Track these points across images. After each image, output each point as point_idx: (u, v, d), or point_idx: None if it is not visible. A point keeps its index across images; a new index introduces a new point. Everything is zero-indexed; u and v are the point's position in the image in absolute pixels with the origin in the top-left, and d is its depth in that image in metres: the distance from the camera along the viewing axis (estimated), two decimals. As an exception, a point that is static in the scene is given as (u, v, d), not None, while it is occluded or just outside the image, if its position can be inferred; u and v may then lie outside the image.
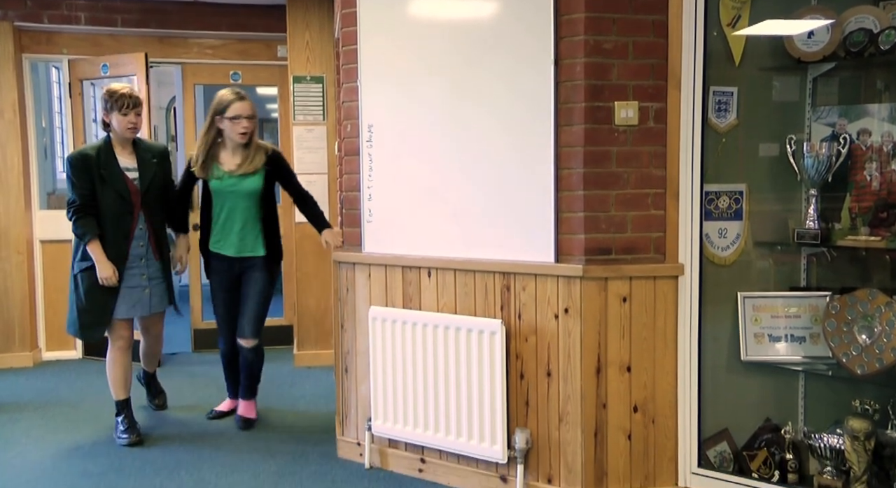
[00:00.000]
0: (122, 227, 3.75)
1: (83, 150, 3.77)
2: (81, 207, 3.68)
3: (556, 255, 2.95)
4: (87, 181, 3.67)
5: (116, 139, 3.77)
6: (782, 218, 3.13)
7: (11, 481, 3.38)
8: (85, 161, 3.68)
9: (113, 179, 3.72)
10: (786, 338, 3.02)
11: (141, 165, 3.81)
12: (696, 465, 2.96)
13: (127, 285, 3.79)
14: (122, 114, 3.67)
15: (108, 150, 3.74)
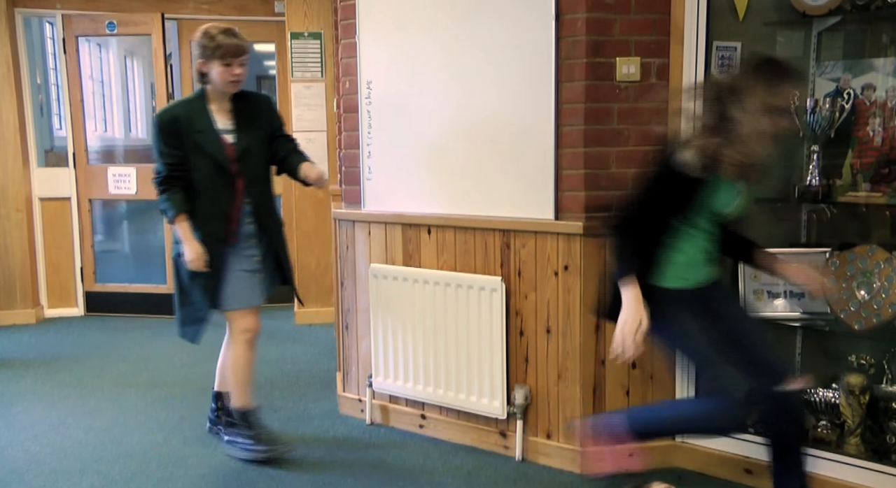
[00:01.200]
0: (221, 202, 3.06)
1: (172, 109, 3.08)
2: (169, 178, 3.02)
3: (556, 213, 2.94)
4: (178, 147, 2.99)
5: (214, 94, 3.05)
6: (784, 174, 3.11)
7: (18, 435, 3.43)
8: (175, 123, 2.99)
9: (208, 144, 3.00)
10: (784, 295, 3.03)
11: (239, 125, 3.08)
12: (693, 420, 2.99)
13: (237, 269, 3.09)
14: (225, 64, 2.95)
15: (203, 109, 3.03)
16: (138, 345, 4.93)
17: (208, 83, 3.03)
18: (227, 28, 3.01)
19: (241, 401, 3.15)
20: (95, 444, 3.33)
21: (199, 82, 3.08)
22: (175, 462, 3.14)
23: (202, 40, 2.98)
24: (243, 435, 3.13)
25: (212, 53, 2.95)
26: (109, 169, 5.80)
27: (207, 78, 3.01)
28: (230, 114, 3.06)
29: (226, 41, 2.94)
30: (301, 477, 2.97)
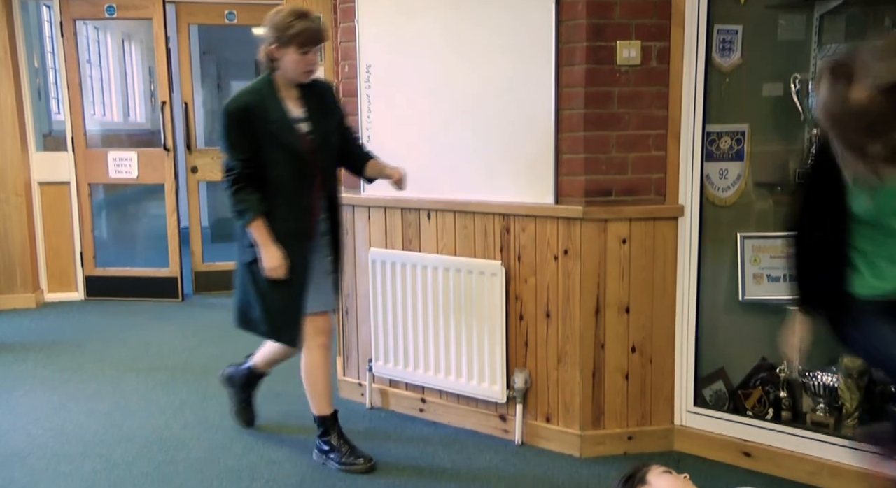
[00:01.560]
0: (302, 197, 2.82)
1: (242, 99, 2.76)
2: (243, 176, 2.73)
3: (556, 197, 2.93)
4: (251, 140, 2.72)
5: (282, 81, 2.79)
6: (783, 158, 3.11)
7: (20, 419, 3.45)
8: (248, 112, 2.71)
9: (285, 135, 2.75)
10: (784, 278, 3.03)
11: (311, 113, 2.83)
12: (691, 404, 3.01)
13: (317, 270, 2.91)
14: (302, 52, 2.69)
15: (274, 96, 2.77)
16: (139, 330, 4.94)
17: (276, 69, 2.76)
18: (304, 11, 2.74)
19: (320, 409, 2.99)
20: (97, 428, 3.35)
21: (266, 68, 2.79)
22: (176, 445, 3.15)
23: (278, 24, 2.70)
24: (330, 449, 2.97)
25: (289, 40, 2.67)
26: (110, 153, 5.79)
27: (276, 64, 2.75)
28: (299, 101, 2.82)
29: (306, 27, 2.68)
30: (301, 461, 2.99)
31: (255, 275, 2.83)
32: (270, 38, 2.71)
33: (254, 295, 2.86)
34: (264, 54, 2.75)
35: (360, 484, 2.80)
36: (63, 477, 2.88)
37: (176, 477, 2.86)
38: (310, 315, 2.88)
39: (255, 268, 2.81)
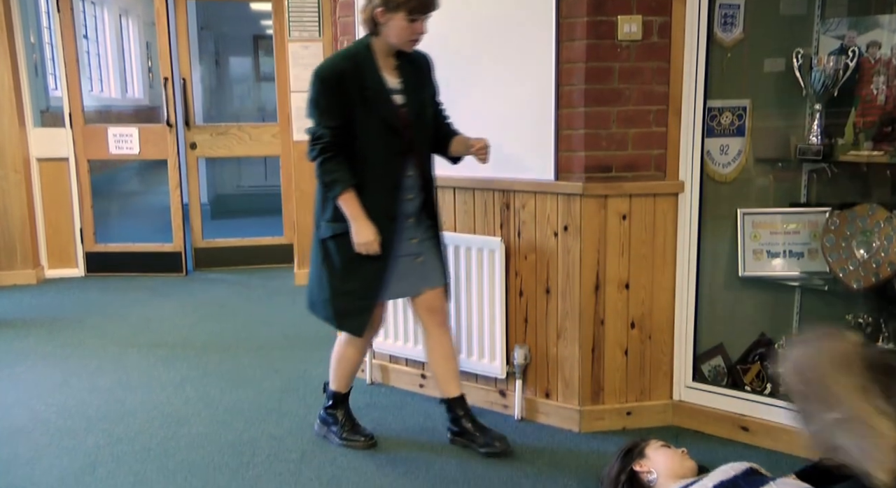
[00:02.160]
0: (393, 173, 2.67)
1: (336, 63, 2.62)
2: (332, 145, 2.57)
3: (556, 173, 2.93)
4: (343, 106, 2.56)
5: (380, 47, 2.62)
6: (784, 134, 3.09)
7: (23, 394, 3.47)
8: (341, 79, 2.56)
9: (380, 105, 2.60)
10: (784, 254, 3.04)
11: (407, 85, 2.67)
12: (690, 379, 3.02)
13: (403, 252, 2.74)
14: (411, 19, 2.53)
15: (371, 63, 2.60)
16: (139, 306, 4.96)
17: (377, 34, 2.60)
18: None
19: (340, 386, 2.97)
20: (99, 404, 3.37)
21: (367, 31, 2.63)
22: (178, 421, 3.18)
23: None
24: (334, 422, 2.96)
25: (398, 5, 2.50)
26: (110, 129, 5.76)
27: (378, 29, 2.58)
28: (396, 71, 2.65)
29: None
30: (302, 437, 3.01)
31: (330, 253, 2.70)
32: (379, 2, 2.53)
33: (325, 275, 2.73)
34: (367, 16, 2.57)
35: (360, 458, 2.82)
36: (66, 452, 2.90)
37: (178, 453, 2.89)
38: (414, 297, 2.81)
39: (331, 245, 2.69)
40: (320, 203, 2.71)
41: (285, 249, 5.89)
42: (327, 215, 2.68)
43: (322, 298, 2.78)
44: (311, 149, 2.60)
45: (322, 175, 2.61)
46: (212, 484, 2.63)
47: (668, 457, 2.35)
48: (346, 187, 2.58)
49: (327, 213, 2.68)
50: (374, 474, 2.70)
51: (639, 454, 2.39)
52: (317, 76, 2.58)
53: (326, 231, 2.69)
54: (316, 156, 2.59)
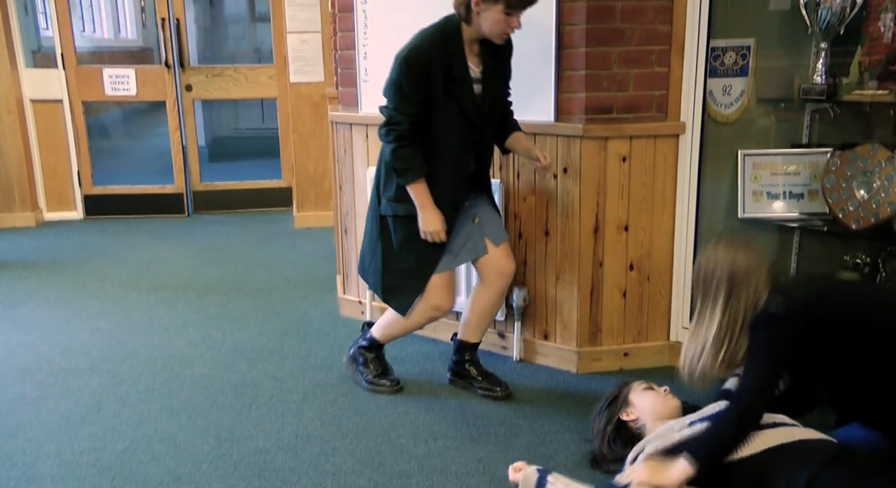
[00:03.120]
0: (463, 165, 2.65)
1: (424, 49, 2.49)
2: (409, 132, 2.51)
3: (556, 114, 2.90)
4: (424, 93, 2.49)
5: (469, 35, 2.53)
6: (788, 74, 3.05)
7: (26, 335, 3.50)
8: (428, 66, 2.47)
9: (463, 95, 2.53)
10: (784, 196, 3.03)
11: (486, 73, 2.60)
12: (687, 321, 3.04)
13: (461, 220, 2.72)
14: (507, 12, 2.44)
15: (460, 50, 2.52)
16: (139, 249, 4.97)
17: (468, 22, 2.50)
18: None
19: (384, 337, 2.91)
20: (102, 345, 3.40)
21: (459, 15, 2.50)
22: (181, 362, 3.21)
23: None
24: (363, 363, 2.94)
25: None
26: (105, 70, 5.68)
27: (471, 17, 2.48)
28: (479, 57, 2.57)
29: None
30: (303, 379, 3.05)
31: (388, 230, 2.69)
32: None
33: (380, 249, 2.72)
34: (462, 5, 2.47)
35: (361, 399, 2.86)
36: (72, 392, 2.94)
37: (181, 393, 2.93)
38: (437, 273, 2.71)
39: (390, 223, 2.68)
40: (383, 178, 2.67)
41: (284, 192, 5.88)
42: (389, 193, 2.65)
43: (373, 268, 2.78)
44: (387, 134, 2.54)
45: (394, 161, 2.56)
46: (215, 425, 2.68)
47: (652, 400, 2.38)
48: (418, 177, 2.55)
49: (389, 191, 2.65)
50: (374, 414, 2.74)
51: (624, 402, 2.41)
52: (404, 60, 2.48)
53: (387, 209, 2.67)
54: (391, 142, 2.54)
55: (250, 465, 2.41)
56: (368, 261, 2.81)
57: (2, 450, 2.52)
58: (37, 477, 2.36)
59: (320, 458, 2.45)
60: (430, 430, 2.62)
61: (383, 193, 2.68)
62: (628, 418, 2.36)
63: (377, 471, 2.37)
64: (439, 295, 2.73)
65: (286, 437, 2.58)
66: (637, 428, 2.34)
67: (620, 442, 2.33)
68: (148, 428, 2.66)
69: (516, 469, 2.24)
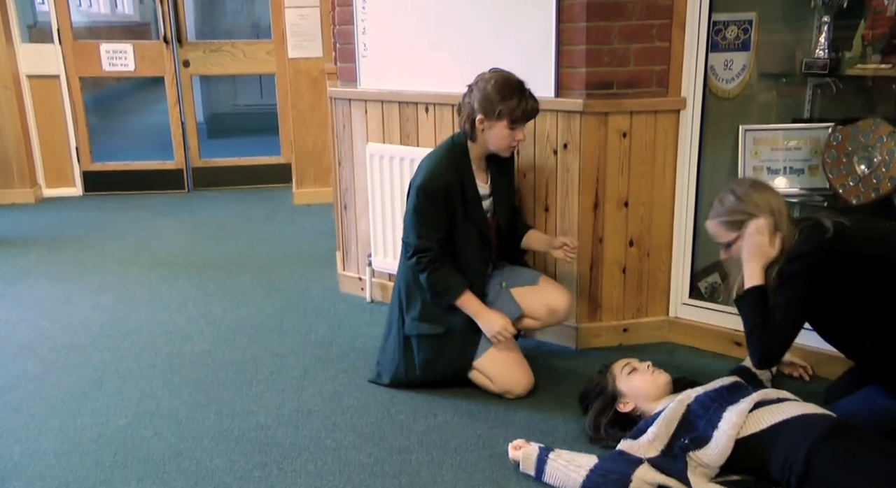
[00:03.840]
0: (480, 279, 2.70)
1: (441, 175, 2.53)
2: (440, 256, 2.56)
3: (557, 90, 2.88)
4: (447, 219, 2.55)
5: (476, 152, 2.60)
6: (790, 48, 3.03)
7: (27, 312, 3.51)
8: (446, 192, 2.52)
9: (476, 215, 2.60)
10: (784, 171, 3.02)
11: (495, 188, 2.67)
12: (686, 296, 3.06)
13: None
14: (511, 127, 2.51)
15: (468, 170, 2.58)
16: (138, 225, 4.96)
17: (473, 139, 2.57)
18: (519, 83, 2.51)
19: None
20: (103, 321, 3.41)
21: (465, 134, 2.58)
22: (182, 338, 3.23)
23: (491, 96, 2.48)
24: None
25: (500, 115, 2.48)
26: (102, 45, 5.63)
27: (476, 135, 2.55)
28: (486, 173, 2.65)
29: (522, 105, 2.48)
30: (303, 355, 3.07)
31: (412, 349, 2.69)
32: (479, 109, 2.50)
33: (403, 367, 2.70)
34: (466, 120, 2.55)
35: (361, 375, 2.87)
36: (73, 368, 2.96)
37: (182, 369, 2.94)
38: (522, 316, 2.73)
39: (413, 343, 2.68)
40: (405, 294, 2.68)
41: (283, 169, 5.86)
42: (414, 313, 2.66)
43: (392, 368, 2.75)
44: (417, 263, 2.56)
45: (432, 286, 2.57)
46: (216, 400, 2.70)
47: (641, 383, 2.38)
48: (461, 291, 2.57)
49: (414, 311, 2.66)
50: (374, 390, 2.75)
51: (614, 394, 2.41)
52: (423, 191, 2.52)
53: (411, 328, 2.67)
54: (424, 269, 2.55)
55: (251, 441, 2.43)
56: (386, 365, 2.77)
57: (5, 426, 2.54)
58: (40, 453, 2.38)
59: (321, 434, 2.46)
60: (429, 406, 2.63)
61: (407, 312, 2.68)
62: (626, 409, 2.37)
63: (377, 447, 2.38)
64: (502, 378, 2.65)
65: (287, 413, 2.60)
66: (637, 416, 2.34)
67: (619, 428, 2.33)
68: (149, 403, 2.68)
69: (516, 447, 2.25)
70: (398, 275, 2.75)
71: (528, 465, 2.17)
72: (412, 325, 2.68)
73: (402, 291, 2.71)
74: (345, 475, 2.23)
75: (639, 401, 2.36)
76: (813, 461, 1.89)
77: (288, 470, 2.26)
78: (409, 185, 2.62)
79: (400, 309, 2.72)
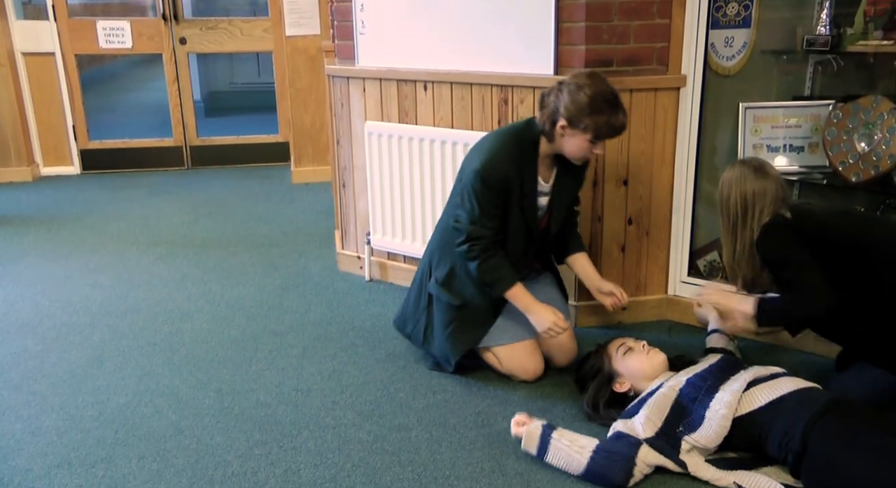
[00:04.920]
0: (525, 265, 2.68)
1: (502, 166, 2.42)
2: (493, 243, 2.48)
3: (556, 67, 2.86)
4: (499, 208, 2.47)
5: (546, 149, 2.49)
6: (791, 25, 3.00)
7: (26, 290, 3.52)
8: (505, 183, 2.42)
9: (528, 210, 2.52)
10: (784, 149, 3.01)
11: (556, 187, 2.58)
12: (685, 275, 3.06)
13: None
14: (592, 141, 2.39)
15: (534, 166, 2.48)
16: (137, 204, 4.95)
17: (550, 138, 2.44)
18: (615, 97, 2.35)
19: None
20: (102, 300, 3.42)
21: (541, 128, 2.44)
22: (181, 317, 3.23)
23: (582, 104, 2.32)
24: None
25: (586, 127, 2.34)
26: (99, 22, 5.58)
27: (554, 135, 2.42)
28: (550, 171, 2.54)
29: (612, 120, 2.34)
30: (303, 333, 3.07)
31: (432, 306, 2.66)
32: (564, 114, 2.35)
33: (424, 319, 2.70)
34: (547, 119, 2.40)
35: (360, 353, 2.88)
36: (73, 346, 2.96)
37: (182, 348, 2.95)
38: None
39: (434, 303, 2.65)
40: (437, 256, 2.65)
41: (281, 147, 5.84)
42: (439, 274, 2.62)
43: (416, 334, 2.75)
44: (469, 250, 2.47)
45: (483, 275, 2.49)
46: (216, 379, 2.71)
47: (637, 363, 2.38)
48: (512, 283, 2.49)
49: (440, 272, 2.62)
50: (373, 368, 2.77)
51: (610, 374, 2.42)
52: (482, 178, 2.41)
53: (434, 289, 2.64)
54: (476, 257, 2.47)
55: (251, 419, 2.44)
56: (411, 327, 2.76)
57: (7, 404, 2.55)
58: (42, 430, 2.39)
59: (320, 412, 2.48)
60: (428, 384, 2.65)
61: (434, 269, 2.65)
62: (622, 390, 2.38)
63: (377, 424, 2.40)
64: (510, 361, 2.64)
65: (286, 391, 2.61)
66: (633, 396, 2.35)
67: (617, 407, 2.35)
68: (150, 382, 2.69)
69: (519, 423, 2.23)
70: (436, 235, 2.70)
71: (531, 443, 2.16)
72: (434, 287, 2.64)
73: (435, 249, 2.68)
74: (344, 452, 2.25)
75: (635, 381, 2.37)
76: (810, 438, 1.91)
77: (288, 448, 2.27)
78: (463, 166, 2.52)
79: (431, 264, 2.68)
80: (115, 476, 2.16)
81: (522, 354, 2.63)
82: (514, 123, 2.58)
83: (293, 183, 5.44)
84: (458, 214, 2.51)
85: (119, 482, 2.13)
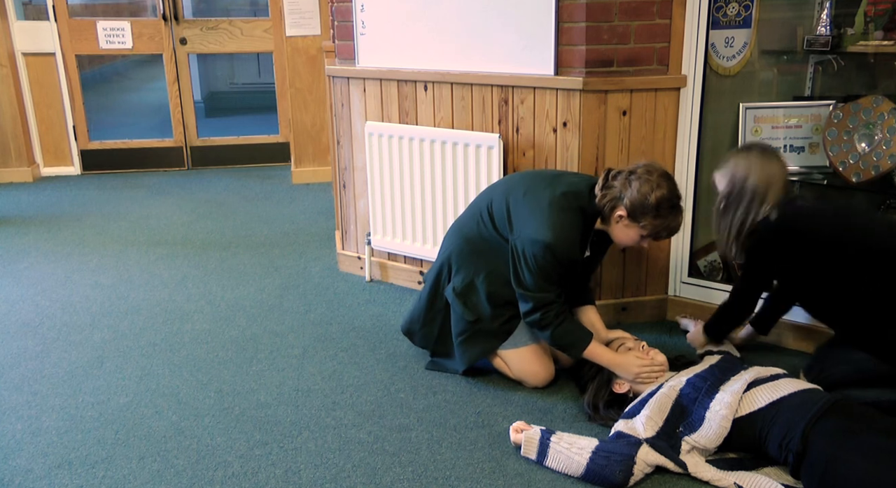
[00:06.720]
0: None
1: (569, 237, 2.44)
2: (562, 309, 2.48)
3: (556, 67, 2.86)
4: (562, 275, 2.48)
5: (598, 226, 2.53)
6: (792, 25, 3.01)
7: (27, 291, 3.52)
8: (571, 253, 2.46)
9: (573, 275, 2.57)
10: (784, 149, 3.01)
11: (591, 252, 2.64)
12: (686, 275, 3.06)
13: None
14: (644, 236, 2.44)
15: (588, 237, 2.54)
16: (137, 204, 4.95)
17: (605, 220, 2.47)
18: (678, 197, 2.40)
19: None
20: (103, 300, 3.42)
21: (600, 211, 2.45)
22: (181, 317, 3.23)
23: (650, 207, 2.35)
24: None
25: (644, 226, 2.40)
26: (99, 23, 5.59)
27: (608, 219, 2.46)
28: (589, 241, 2.59)
29: (670, 223, 2.40)
30: (303, 334, 3.07)
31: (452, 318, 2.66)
32: (627, 207, 2.38)
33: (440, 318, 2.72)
34: (607, 204, 2.43)
35: (360, 353, 2.88)
36: (74, 347, 2.96)
37: (182, 348, 2.95)
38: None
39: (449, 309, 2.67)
40: (456, 263, 2.65)
41: (282, 148, 5.84)
42: (457, 282, 2.63)
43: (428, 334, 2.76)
44: (542, 318, 2.46)
45: (557, 339, 2.48)
46: (217, 379, 2.71)
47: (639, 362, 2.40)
48: (588, 342, 2.47)
49: (458, 279, 2.63)
50: (374, 369, 2.77)
51: (608, 375, 2.42)
52: (553, 253, 2.41)
53: (449, 295, 2.65)
54: (549, 324, 2.46)
55: (252, 419, 2.44)
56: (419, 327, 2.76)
57: (7, 404, 2.55)
58: (42, 430, 2.39)
59: (321, 412, 2.48)
60: (428, 384, 2.65)
61: (453, 276, 2.65)
62: (621, 390, 2.38)
63: (377, 425, 2.40)
64: (520, 366, 2.63)
65: (287, 391, 2.61)
66: (633, 398, 2.35)
67: (617, 408, 2.35)
68: (150, 382, 2.69)
69: (517, 430, 2.24)
70: (450, 241, 2.71)
71: (531, 449, 2.17)
72: (451, 294, 2.64)
73: (453, 255, 2.67)
74: (345, 453, 2.25)
75: (634, 383, 2.38)
76: (810, 439, 1.91)
77: (288, 449, 2.28)
78: (521, 232, 2.47)
79: (449, 268, 2.68)
80: (115, 476, 2.16)
81: (532, 357, 2.61)
82: (577, 189, 2.51)
83: (293, 183, 5.44)
84: (521, 281, 2.47)
85: (119, 482, 2.13)
